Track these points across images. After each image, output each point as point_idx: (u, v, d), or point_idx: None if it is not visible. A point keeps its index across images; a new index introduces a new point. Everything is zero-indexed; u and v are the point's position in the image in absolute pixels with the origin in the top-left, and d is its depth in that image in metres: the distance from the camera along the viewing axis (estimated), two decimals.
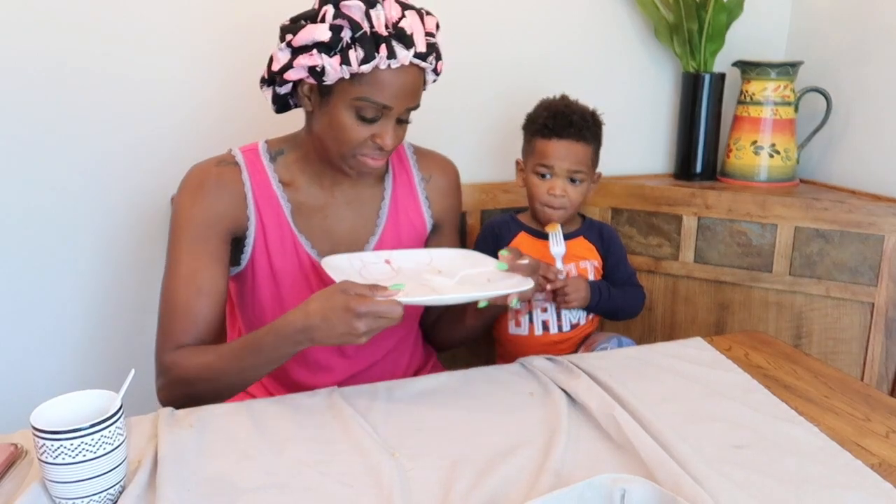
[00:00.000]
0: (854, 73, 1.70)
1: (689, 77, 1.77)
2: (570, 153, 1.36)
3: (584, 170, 1.38)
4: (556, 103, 1.41)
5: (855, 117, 1.71)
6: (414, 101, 1.11)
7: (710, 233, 1.65)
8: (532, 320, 1.43)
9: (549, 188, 1.38)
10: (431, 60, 1.10)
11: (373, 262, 1.17)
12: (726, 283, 1.65)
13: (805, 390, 1.12)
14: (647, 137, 1.87)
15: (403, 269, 1.17)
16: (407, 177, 1.28)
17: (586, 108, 1.40)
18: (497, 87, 1.71)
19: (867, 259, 1.53)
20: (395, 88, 1.06)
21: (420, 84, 1.11)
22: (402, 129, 1.15)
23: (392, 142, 1.11)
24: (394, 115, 1.10)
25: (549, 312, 1.43)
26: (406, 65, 1.06)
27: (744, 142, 1.74)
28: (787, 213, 1.58)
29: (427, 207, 1.29)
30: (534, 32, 1.71)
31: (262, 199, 1.17)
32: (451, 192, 1.32)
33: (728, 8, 1.70)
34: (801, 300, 1.59)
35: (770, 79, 1.70)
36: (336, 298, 0.95)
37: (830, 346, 1.58)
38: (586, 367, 1.12)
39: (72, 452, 0.76)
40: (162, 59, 1.47)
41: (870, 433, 1.00)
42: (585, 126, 1.36)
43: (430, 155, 1.32)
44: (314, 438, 0.93)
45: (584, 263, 1.43)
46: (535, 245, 1.44)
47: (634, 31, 1.79)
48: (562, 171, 1.37)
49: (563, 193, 1.37)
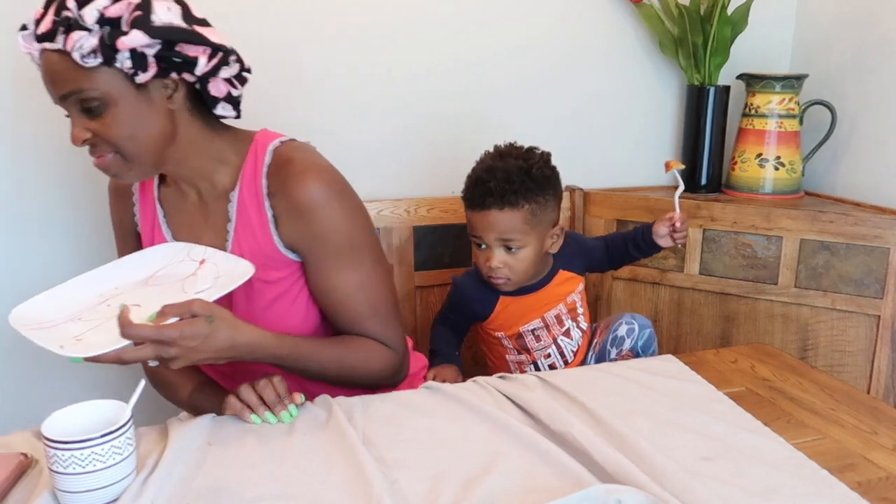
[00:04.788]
0: (858, 85, 1.71)
1: (693, 90, 1.78)
2: (492, 223, 1.27)
3: (517, 236, 1.27)
4: (479, 167, 1.30)
5: (859, 130, 1.72)
6: (63, 88, 0.94)
7: (716, 245, 1.66)
8: (538, 368, 1.41)
9: (486, 258, 1.31)
10: (60, 39, 0.91)
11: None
12: (731, 296, 1.66)
13: (811, 403, 1.12)
14: (653, 150, 1.88)
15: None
16: (255, 189, 1.06)
17: (515, 166, 1.26)
18: (501, 99, 1.72)
19: (873, 271, 1.53)
20: (45, 76, 0.95)
21: (66, 68, 0.92)
22: (93, 122, 0.95)
23: (76, 134, 0.96)
24: (68, 106, 0.96)
25: (552, 357, 1.41)
26: (36, 51, 0.94)
27: (749, 154, 1.75)
28: (793, 226, 1.59)
29: (275, 229, 1.06)
30: (540, 47, 1.72)
31: (144, 203, 1.14)
32: (299, 215, 1.04)
33: (732, 21, 1.71)
34: (806, 312, 1.60)
35: (774, 92, 1.71)
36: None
37: (836, 359, 1.58)
38: (556, 382, 1.12)
39: (82, 462, 0.77)
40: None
41: (877, 446, 1.00)
42: (509, 190, 1.24)
43: (288, 164, 1.05)
44: (312, 448, 0.94)
45: (570, 297, 1.41)
46: (520, 303, 1.38)
47: (639, 45, 1.80)
48: (492, 241, 1.29)
49: (502, 264, 1.29)
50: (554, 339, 1.40)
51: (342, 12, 1.58)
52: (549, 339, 1.40)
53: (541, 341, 1.40)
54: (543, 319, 1.39)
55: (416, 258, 1.68)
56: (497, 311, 1.37)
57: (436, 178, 1.71)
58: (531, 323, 1.39)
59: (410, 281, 1.68)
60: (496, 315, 1.38)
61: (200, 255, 1.03)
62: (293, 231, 1.06)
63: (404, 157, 1.69)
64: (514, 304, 1.37)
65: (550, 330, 1.40)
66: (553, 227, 1.33)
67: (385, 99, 1.64)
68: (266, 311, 1.10)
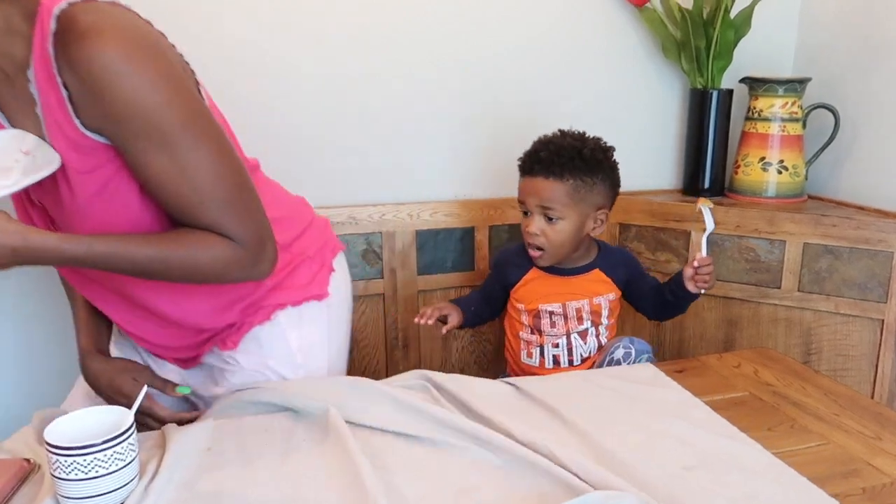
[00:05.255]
0: (861, 88, 1.71)
1: (696, 93, 1.78)
2: (537, 189, 1.34)
3: (557, 207, 1.33)
4: (538, 141, 1.39)
5: (862, 133, 1.71)
6: None
7: (719, 249, 1.65)
8: (543, 354, 1.43)
9: (526, 225, 1.37)
10: None
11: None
12: (735, 300, 1.65)
13: (815, 408, 1.12)
14: (656, 153, 1.87)
15: None
16: (46, 63, 0.88)
17: (568, 145, 1.34)
18: (504, 103, 1.72)
19: (876, 275, 1.52)
20: None
21: None
22: None
23: None
24: None
25: (559, 348, 1.42)
26: None
27: (752, 158, 1.74)
28: (796, 229, 1.58)
29: (72, 111, 0.89)
30: (542, 49, 1.72)
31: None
32: (89, 90, 0.86)
33: (735, 25, 1.70)
34: (809, 316, 1.59)
35: (777, 95, 1.70)
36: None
37: (840, 363, 1.57)
38: (533, 391, 1.12)
39: (84, 468, 0.77)
40: None
41: (881, 452, 0.99)
42: (557, 162, 1.32)
43: (71, 28, 0.85)
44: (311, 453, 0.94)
45: (597, 299, 1.42)
46: (549, 281, 1.42)
47: (642, 48, 1.80)
48: (534, 207, 1.35)
49: (538, 232, 1.35)
50: (567, 333, 1.41)
51: (338, 13, 1.57)
52: (562, 330, 1.41)
53: (555, 327, 1.42)
54: (564, 307, 1.41)
55: (419, 262, 1.68)
56: (525, 280, 1.43)
57: (438, 181, 1.71)
58: (551, 304, 1.41)
59: (413, 285, 1.68)
60: (524, 283, 1.44)
61: (28, 144, 0.92)
62: (90, 110, 0.88)
63: (406, 160, 1.69)
64: (543, 279, 1.42)
65: (567, 321, 1.41)
66: (597, 211, 1.38)
67: (384, 101, 1.64)
68: (89, 205, 0.96)
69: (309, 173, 1.63)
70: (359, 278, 1.64)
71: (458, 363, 1.74)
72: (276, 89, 1.57)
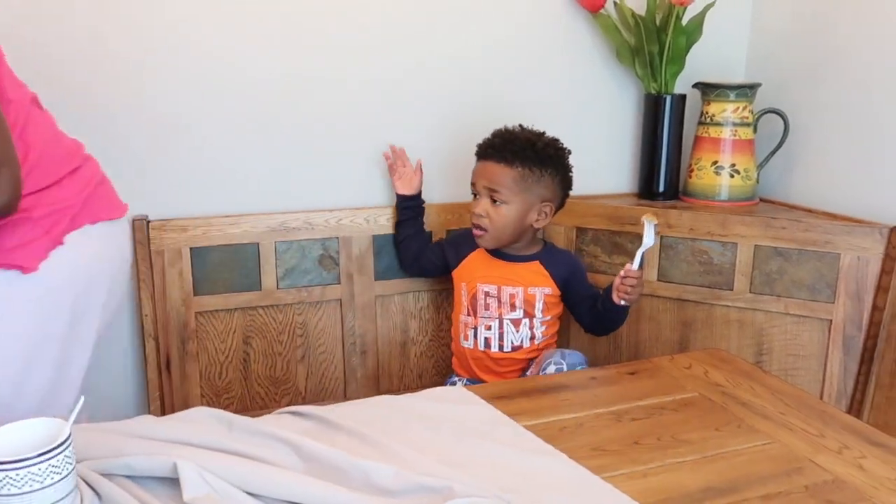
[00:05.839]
0: (810, 94, 1.75)
1: (651, 98, 1.80)
2: (487, 172, 1.42)
3: (503, 190, 1.40)
4: (498, 130, 1.47)
5: (811, 138, 1.75)
6: None
7: (673, 252, 1.68)
8: (476, 336, 1.49)
9: (473, 206, 1.45)
10: None
11: None
12: (689, 302, 1.67)
13: (762, 407, 1.14)
14: (612, 157, 1.89)
15: None
16: None
17: (523, 136, 1.44)
18: (458, 109, 1.72)
19: (824, 276, 1.56)
20: None
21: None
22: None
23: None
24: None
25: (492, 331, 1.48)
26: None
27: (705, 162, 1.77)
28: (747, 232, 1.61)
29: None
30: (497, 54, 1.73)
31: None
32: None
33: (687, 31, 1.73)
34: (761, 317, 1.62)
35: (729, 100, 1.73)
36: None
37: (790, 363, 1.60)
38: (336, 419, 1.02)
39: (18, 483, 0.75)
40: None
41: (823, 449, 1.01)
42: (509, 148, 1.41)
43: None
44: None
45: (532, 290, 1.47)
46: (489, 263, 1.50)
47: (597, 54, 1.82)
48: (482, 189, 1.43)
49: (483, 213, 1.43)
50: (500, 318, 1.48)
51: (302, 14, 1.56)
52: (495, 314, 1.48)
53: (489, 310, 1.49)
54: (499, 290, 1.48)
55: (377, 267, 1.67)
56: (470, 258, 1.52)
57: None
58: (488, 285, 1.49)
59: (371, 290, 1.67)
60: (468, 261, 1.53)
61: None
62: None
63: (362, 165, 1.68)
64: (484, 258, 1.50)
65: (501, 305, 1.48)
66: (542, 203, 1.44)
67: (340, 106, 1.63)
68: None
69: (262, 177, 1.61)
70: (315, 284, 1.63)
71: (417, 368, 1.74)
72: (228, 89, 1.55)
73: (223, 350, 1.60)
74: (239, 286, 1.59)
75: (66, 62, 1.43)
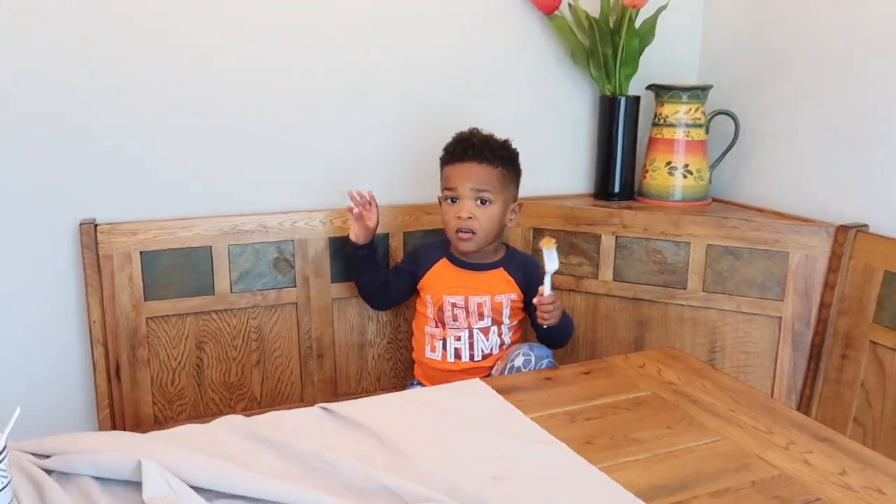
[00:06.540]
0: (759, 96, 1.78)
1: (605, 100, 1.82)
2: (471, 174, 1.41)
3: (490, 190, 1.41)
4: (462, 133, 1.47)
5: (761, 139, 1.79)
6: None
7: (628, 251, 1.69)
8: (445, 347, 1.46)
9: (457, 211, 1.41)
10: None
11: None
12: (644, 301, 1.69)
13: (712, 404, 1.15)
14: (568, 158, 1.91)
15: None
16: None
17: (493, 137, 1.46)
18: (415, 109, 1.71)
19: (774, 275, 1.59)
20: None
21: None
22: None
23: None
24: None
25: (461, 341, 1.46)
26: None
27: (659, 162, 1.80)
28: (700, 232, 1.64)
29: None
30: (452, 56, 1.73)
31: None
32: None
33: (640, 34, 1.75)
34: (714, 315, 1.65)
35: (682, 102, 1.76)
36: None
37: (742, 360, 1.63)
38: (347, 413, 1.08)
39: None
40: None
41: (771, 445, 1.03)
42: (487, 149, 1.42)
43: None
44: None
45: (499, 297, 1.47)
46: (455, 273, 1.48)
47: (553, 55, 1.83)
48: (466, 192, 1.41)
49: (471, 215, 1.41)
50: (469, 327, 1.46)
51: (264, 9, 1.54)
52: (464, 324, 1.46)
53: (457, 321, 1.47)
54: (466, 301, 1.46)
55: (333, 270, 1.65)
56: (435, 269, 1.49)
57: (352, 188, 1.69)
58: (454, 296, 1.46)
59: (327, 293, 1.66)
60: (433, 272, 1.49)
61: None
62: None
63: (317, 166, 1.66)
64: (449, 270, 1.48)
65: (469, 315, 1.46)
66: (514, 202, 1.47)
67: (295, 107, 1.62)
68: None
69: (214, 178, 1.58)
70: (270, 287, 1.61)
71: (375, 371, 1.72)
72: (178, 89, 1.52)
73: (175, 356, 1.56)
74: (191, 290, 1.55)
75: (11, 63, 1.39)
